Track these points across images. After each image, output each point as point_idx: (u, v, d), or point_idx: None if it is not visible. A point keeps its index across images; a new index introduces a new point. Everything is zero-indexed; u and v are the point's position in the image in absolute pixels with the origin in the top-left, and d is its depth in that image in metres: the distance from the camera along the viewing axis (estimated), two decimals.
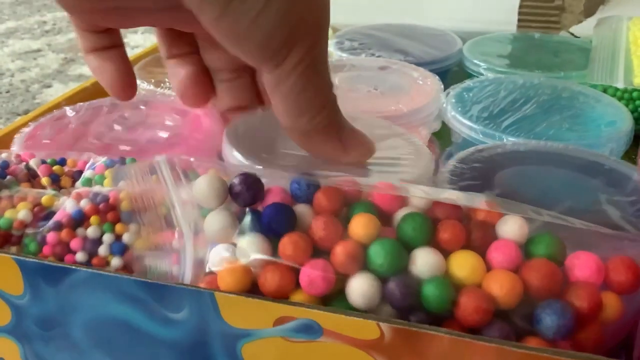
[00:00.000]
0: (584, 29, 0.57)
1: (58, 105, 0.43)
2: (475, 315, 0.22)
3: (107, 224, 0.27)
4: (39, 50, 0.88)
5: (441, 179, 0.31)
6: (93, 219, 0.27)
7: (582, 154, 0.34)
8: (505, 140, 0.37)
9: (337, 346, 0.23)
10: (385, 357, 0.22)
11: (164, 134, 0.38)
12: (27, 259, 0.25)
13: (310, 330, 0.23)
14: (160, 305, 0.24)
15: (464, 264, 0.23)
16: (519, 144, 0.35)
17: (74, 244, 0.27)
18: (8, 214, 0.27)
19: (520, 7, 0.60)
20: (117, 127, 0.39)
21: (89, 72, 0.82)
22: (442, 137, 0.44)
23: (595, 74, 0.43)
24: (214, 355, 0.24)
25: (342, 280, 0.23)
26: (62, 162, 0.32)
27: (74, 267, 0.25)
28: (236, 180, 0.25)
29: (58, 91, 0.74)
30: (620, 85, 0.41)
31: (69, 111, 0.40)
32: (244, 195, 0.24)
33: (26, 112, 0.68)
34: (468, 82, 0.44)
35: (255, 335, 0.23)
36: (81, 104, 0.41)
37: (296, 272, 0.23)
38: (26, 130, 0.38)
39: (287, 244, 0.23)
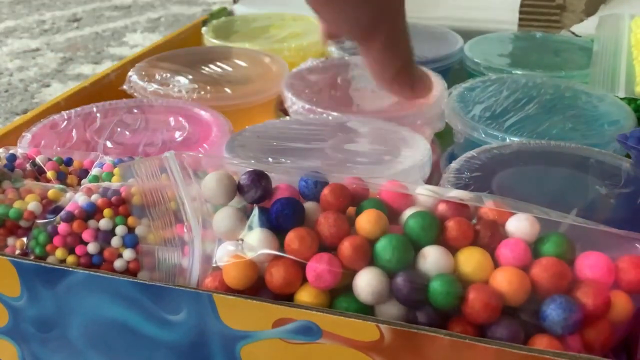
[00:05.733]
0: (585, 27, 0.57)
1: (57, 105, 0.43)
2: (483, 311, 0.22)
3: (119, 217, 0.27)
4: (37, 50, 0.88)
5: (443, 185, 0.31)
6: (106, 211, 0.27)
7: (581, 151, 0.34)
8: (508, 140, 0.36)
9: (337, 348, 0.22)
10: (385, 358, 0.22)
11: (176, 136, 0.38)
12: (24, 261, 0.25)
13: (310, 331, 0.22)
14: (159, 307, 0.24)
15: (471, 261, 0.23)
16: (514, 145, 0.35)
17: (86, 235, 0.27)
18: (17, 205, 0.27)
19: (522, 6, 0.60)
20: (125, 131, 0.39)
21: (88, 72, 0.82)
22: (444, 137, 0.44)
23: (596, 83, 0.43)
24: (213, 357, 0.24)
25: (349, 275, 0.23)
26: (69, 162, 0.32)
27: (71, 268, 0.25)
28: (245, 177, 0.25)
29: (57, 90, 0.74)
30: (621, 94, 0.41)
31: (60, 118, 0.40)
32: (252, 192, 0.25)
33: (25, 111, 0.68)
34: (470, 82, 0.44)
35: (254, 337, 0.23)
36: (68, 111, 0.41)
37: (302, 266, 0.23)
38: (28, 137, 0.38)
39: (293, 238, 0.23)
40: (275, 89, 0.46)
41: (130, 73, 0.47)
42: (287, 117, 0.42)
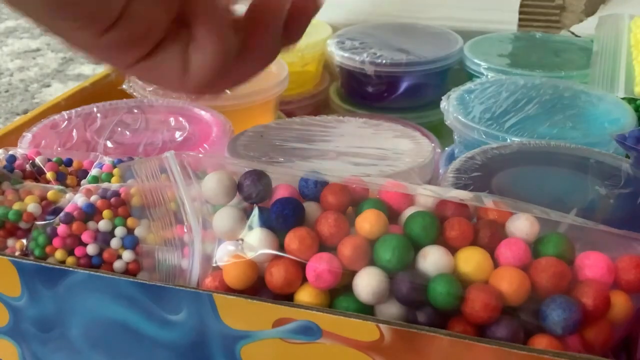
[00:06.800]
0: (585, 28, 0.57)
1: (57, 105, 0.43)
2: (483, 311, 0.22)
3: (118, 218, 0.27)
4: (38, 50, 0.88)
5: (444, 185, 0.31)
6: (105, 212, 0.27)
7: (581, 151, 0.34)
8: (508, 140, 0.36)
9: (337, 347, 0.22)
10: (385, 358, 0.22)
11: (177, 136, 0.38)
12: (24, 261, 0.25)
13: (310, 331, 0.22)
14: (159, 306, 0.24)
15: (471, 261, 0.23)
16: (514, 145, 0.35)
17: (86, 236, 0.27)
18: (16, 206, 0.27)
19: (521, 6, 0.60)
20: (126, 131, 0.39)
21: (88, 72, 0.82)
22: (444, 137, 0.44)
23: (596, 83, 0.43)
24: (213, 356, 0.24)
25: (348, 274, 0.23)
26: (69, 162, 0.32)
27: (71, 268, 0.25)
28: (245, 177, 0.25)
29: (57, 91, 0.74)
30: (621, 94, 0.41)
31: (61, 119, 0.40)
32: (252, 192, 0.25)
33: (25, 111, 0.68)
34: (469, 85, 0.44)
35: (254, 337, 0.23)
36: (69, 111, 0.41)
37: (302, 266, 0.23)
38: (28, 137, 0.38)
39: (293, 238, 0.23)
40: (274, 89, 0.46)
41: None
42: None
